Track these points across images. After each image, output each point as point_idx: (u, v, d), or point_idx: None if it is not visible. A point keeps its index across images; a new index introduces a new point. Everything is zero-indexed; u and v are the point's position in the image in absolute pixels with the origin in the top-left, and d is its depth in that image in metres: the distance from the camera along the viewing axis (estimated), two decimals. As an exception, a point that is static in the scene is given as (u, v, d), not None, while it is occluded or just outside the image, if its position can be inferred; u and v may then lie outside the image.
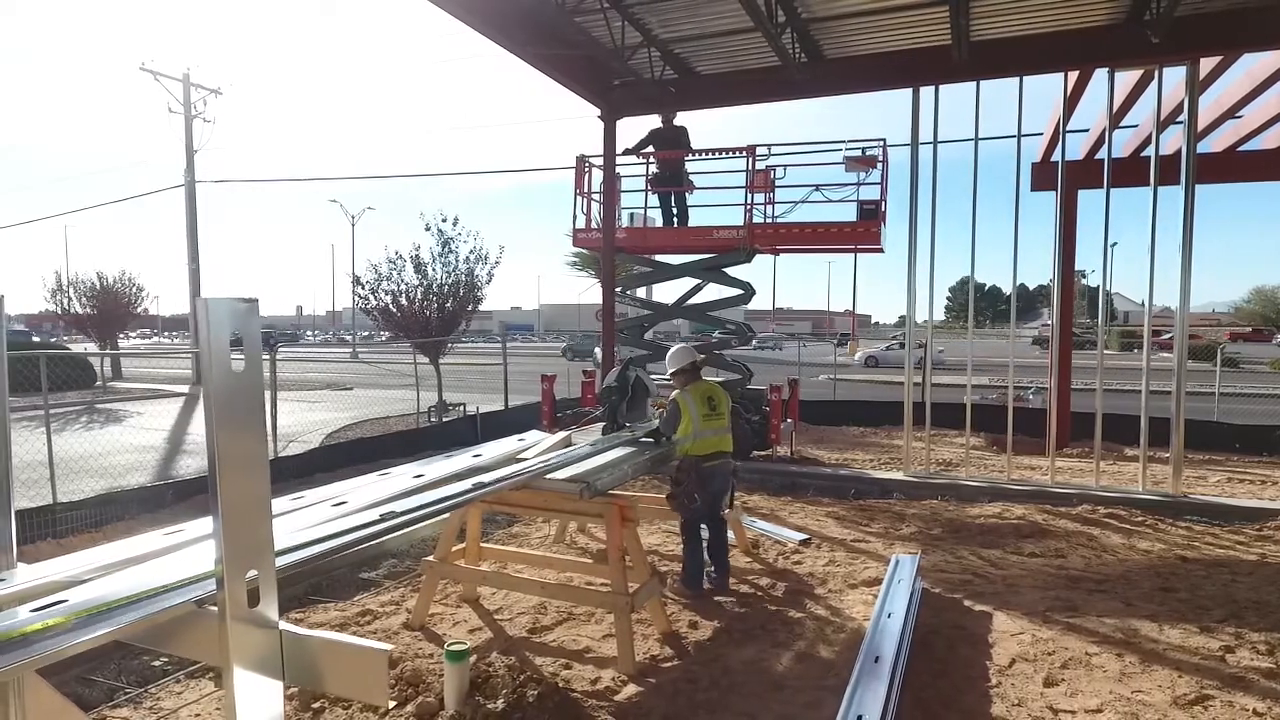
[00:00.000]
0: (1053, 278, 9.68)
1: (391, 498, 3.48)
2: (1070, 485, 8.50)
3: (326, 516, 3.11)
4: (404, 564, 6.02)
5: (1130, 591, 5.37)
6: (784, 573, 5.79)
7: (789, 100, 9.37)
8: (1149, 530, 7.05)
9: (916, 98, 8.77)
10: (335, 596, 5.31)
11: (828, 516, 7.44)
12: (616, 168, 10.31)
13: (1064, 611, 4.98)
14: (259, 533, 1.95)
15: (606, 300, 10.28)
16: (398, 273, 13.56)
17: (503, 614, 4.97)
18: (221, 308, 1.88)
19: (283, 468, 8.83)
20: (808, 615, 4.97)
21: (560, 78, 9.01)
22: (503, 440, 5.47)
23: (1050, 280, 9.28)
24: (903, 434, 12.98)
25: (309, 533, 2.77)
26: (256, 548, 1.97)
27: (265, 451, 2.01)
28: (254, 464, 1.93)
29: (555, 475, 4.34)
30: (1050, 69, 8.20)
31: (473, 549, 5.03)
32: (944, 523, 7.25)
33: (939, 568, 5.89)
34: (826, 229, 10.09)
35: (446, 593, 5.21)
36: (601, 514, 4.33)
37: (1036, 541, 6.59)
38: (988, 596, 5.26)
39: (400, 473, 4.06)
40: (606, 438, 5.52)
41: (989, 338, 67.16)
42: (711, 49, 8.89)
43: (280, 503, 3.38)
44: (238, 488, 1.87)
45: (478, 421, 12.55)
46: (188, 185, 25.62)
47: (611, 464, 4.70)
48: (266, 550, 1.99)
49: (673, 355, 5.45)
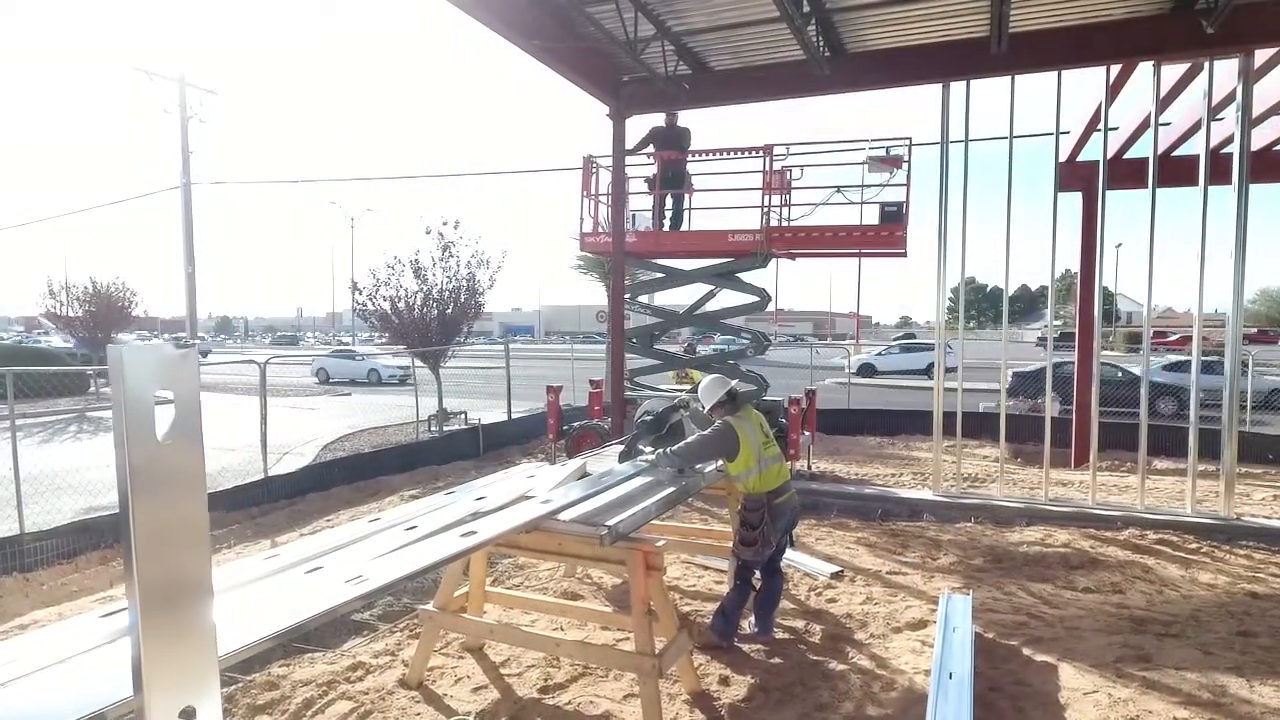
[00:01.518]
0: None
1: (382, 554, 2.97)
2: (1112, 506, 7.97)
3: (297, 583, 2.60)
4: (401, 602, 5.49)
5: (1205, 636, 4.85)
6: (819, 613, 5.26)
7: (810, 97, 8.84)
8: (1206, 559, 6.52)
9: (946, 94, 8.24)
10: (323, 643, 4.78)
11: (858, 543, 6.92)
12: (626, 168, 9.81)
13: (1137, 663, 4.46)
14: (198, 649, 1.44)
15: (617, 309, 9.77)
16: (396, 278, 13.06)
17: (511, 666, 4.45)
18: (144, 358, 1.38)
19: (273, 488, 8.32)
20: (851, 668, 4.44)
21: (568, 73, 8.50)
22: (511, 471, 4.96)
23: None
24: (923, 444, 12.60)
25: (272, 612, 2.26)
26: (195, 672, 1.45)
27: (205, 544, 1.49)
28: (190, 567, 1.42)
29: (569, 514, 3.82)
30: (1092, 62, 7.68)
31: (477, 595, 4.51)
32: (984, 550, 6.73)
33: (987, 606, 5.37)
34: (848, 233, 9.57)
35: (449, 640, 4.69)
36: (623, 561, 3.81)
37: (1088, 573, 6.06)
38: (1048, 643, 4.74)
39: (393, 521, 3.54)
40: (624, 467, 5.00)
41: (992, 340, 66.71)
42: (727, 42, 8.37)
43: (251, 564, 2.88)
44: (167, 594, 1.36)
45: (480, 434, 12.04)
46: (183, 187, 25.17)
47: (632, 499, 4.17)
48: (209, 674, 1.48)
49: (706, 388, 4.84)
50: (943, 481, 8.65)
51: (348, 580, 2.59)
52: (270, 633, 2.15)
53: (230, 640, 2.01)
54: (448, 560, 2.96)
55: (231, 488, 8.12)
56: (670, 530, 6.26)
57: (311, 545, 3.19)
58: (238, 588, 2.60)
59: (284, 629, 2.16)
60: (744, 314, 10.57)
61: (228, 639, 1.99)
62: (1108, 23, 7.38)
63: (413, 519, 3.58)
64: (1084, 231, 11.29)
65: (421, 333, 13.23)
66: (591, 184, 10.41)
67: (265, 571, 2.78)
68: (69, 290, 22.30)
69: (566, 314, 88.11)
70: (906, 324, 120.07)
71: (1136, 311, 66.04)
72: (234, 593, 2.52)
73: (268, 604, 2.39)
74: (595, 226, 10.53)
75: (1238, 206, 7.34)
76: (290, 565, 2.88)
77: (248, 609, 2.32)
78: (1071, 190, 10.91)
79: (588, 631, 4.83)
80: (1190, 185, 8.84)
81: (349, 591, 2.48)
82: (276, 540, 7.32)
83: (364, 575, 2.67)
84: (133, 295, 23.19)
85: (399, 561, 2.87)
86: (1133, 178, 9.48)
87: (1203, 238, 7.51)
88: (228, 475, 9.43)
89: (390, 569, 2.75)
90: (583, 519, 3.78)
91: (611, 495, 4.22)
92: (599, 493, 4.24)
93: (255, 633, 2.15)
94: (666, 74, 8.62)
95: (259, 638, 2.10)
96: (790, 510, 4.71)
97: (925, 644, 4.72)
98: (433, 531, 3.35)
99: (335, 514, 8.25)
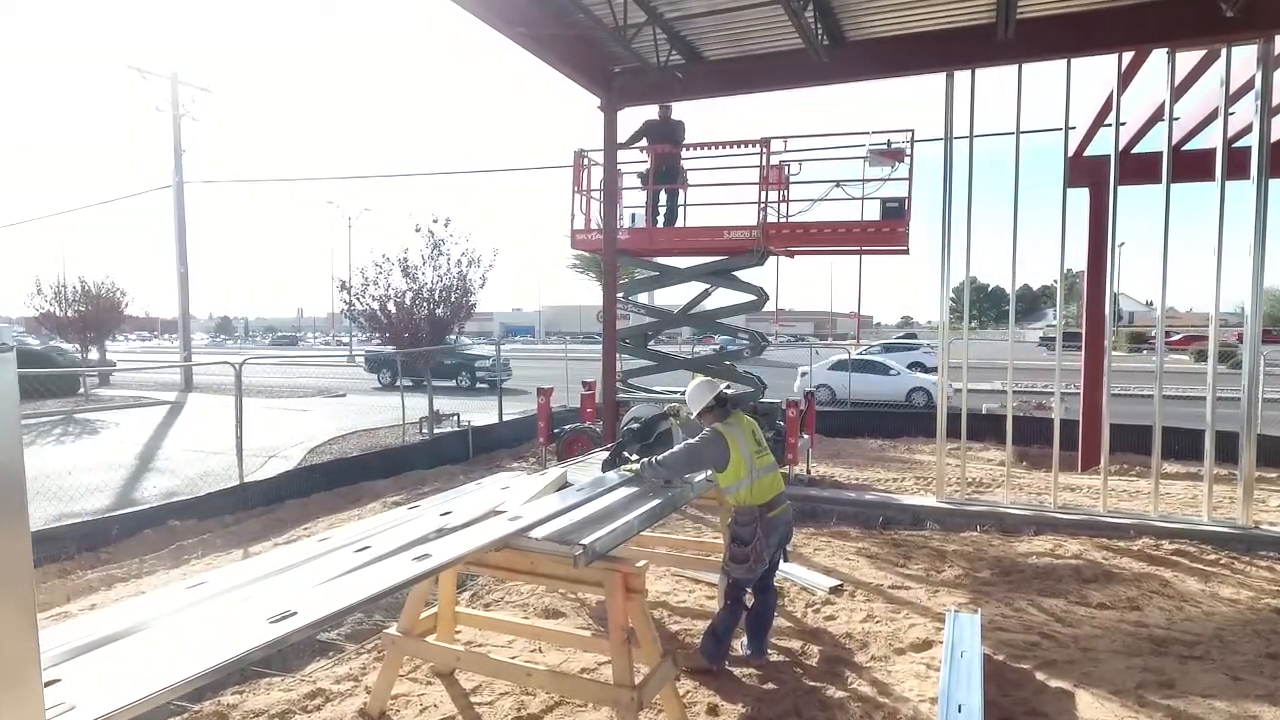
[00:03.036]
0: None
1: (324, 581, 2.64)
2: (1124, 513, 7.63)
3: (218, 618, 2.27)
4: (372, 620, 5.16)
5: (1231, 659, 4.52)
6: (816, 633, 4.93)
7: (808, 87, 8.49)
8: (1226, 572, 6.18)
9: (950, 84, 7.91)
10: (284, 667, 4.45)
11: (858, 554, 6.58)
12: (618, 164, 9.47)
13: (1159, 689, 4.12)
14: None
15: (608, 307, 9.43)
16: (385, 276, 12.73)
17: (483, 693, 4.12)
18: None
19: (248, 495, 7.98)
20: (850, 694, 4.11)
21: (558, 63, 8.16)
22: (485, 482, 4.62)
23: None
24: (925, 447, 12.26)
25: (167, 661, 1.92)
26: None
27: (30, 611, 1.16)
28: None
29: (542, 531, 3.49)
30: (1103, 49, 7.34)
31: (446, 616, 4.18)
32: (991, 562, 6.39)
33: (996, 624, 5.03)
34: (848, 229, 9.23)
35: (418, 664, 4.36)
36: (600, 582, 3.47)
37: (1102, 587, 5.72)
38: (1062, 666, 4.40)
39: (344, 541, 3.21)
40: (607, 477, 4.67)
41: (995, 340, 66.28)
42: (721, 29, 8.02)
43: (172, 593, 2.55)
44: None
45: (469, 436, 11.71)
46: (175, 186, 24.84)
47: (612, 514, 3.84)
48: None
49: (694, 393, 4.44)
50: (946, 487, 8.31)
51: (273, 618, 2.26)
52: (147, 694, 1.80)
53: (95, 709, 1.68)
54: (395, 589, 2.63)
55: (204, 495, 7.78)
56: (658, 542, 5.93)
57: (249, 569, 2.86)
58: (150, 624, 2.27)
59: (173, 684, 1.82)
60: (741, 313, 10.23)
61: (97, 706, 1.66)
62: (1120, 7, 7.04)
63: (366, 538, 3.25)
64: (1091, 228, 10.96)
65: (412, 332, 12.91)
66: (583, 179, 10.08)
67: (185, 602, 2.45)
68: (58, 290, 21.95)
69: (567, 314, 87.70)
70: (908, 324, 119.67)
71: (1139, 312, 65.53)
72: (140, 634, 2.19)
73: (168, 647, 2.06)
74: (587, 223, 10.20)
75: (1257, 201, 6.99)
76: (216, 594, 2.55)
77: (142, 653, 1.99)
78: (1078, 186, 10.57)
79: (567, 655, 4.50)
80: (1202, 180, 8.52)
81: (269, 633, 2.16)
82: (250, 550, 7.00)
83: (294, 610, 2.34)
84: (123, 295, 22.90)
85: (338, 592, 2.54)
86: (1141, 173, 9.15)
87: (1219, 234, 7.17)
88: (209, 480, 9.10)
89: (326, 602, 2.43)
90: (556, 537, 3.44)
91: (590, 509, 3.89)
92: (576, 507, 3.91)
93: (132, 694, 1.81)
94: (659, 64, 8.29)
95: (126, 703, 1.75)
96: (785, 524, 4.38)
97: (930, 667, 4.39)
98: (386, 553, 3.02)
99: (314, 521, 7.92)
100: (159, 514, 7.12)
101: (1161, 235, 7.43)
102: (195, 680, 1.86)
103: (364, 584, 2.61)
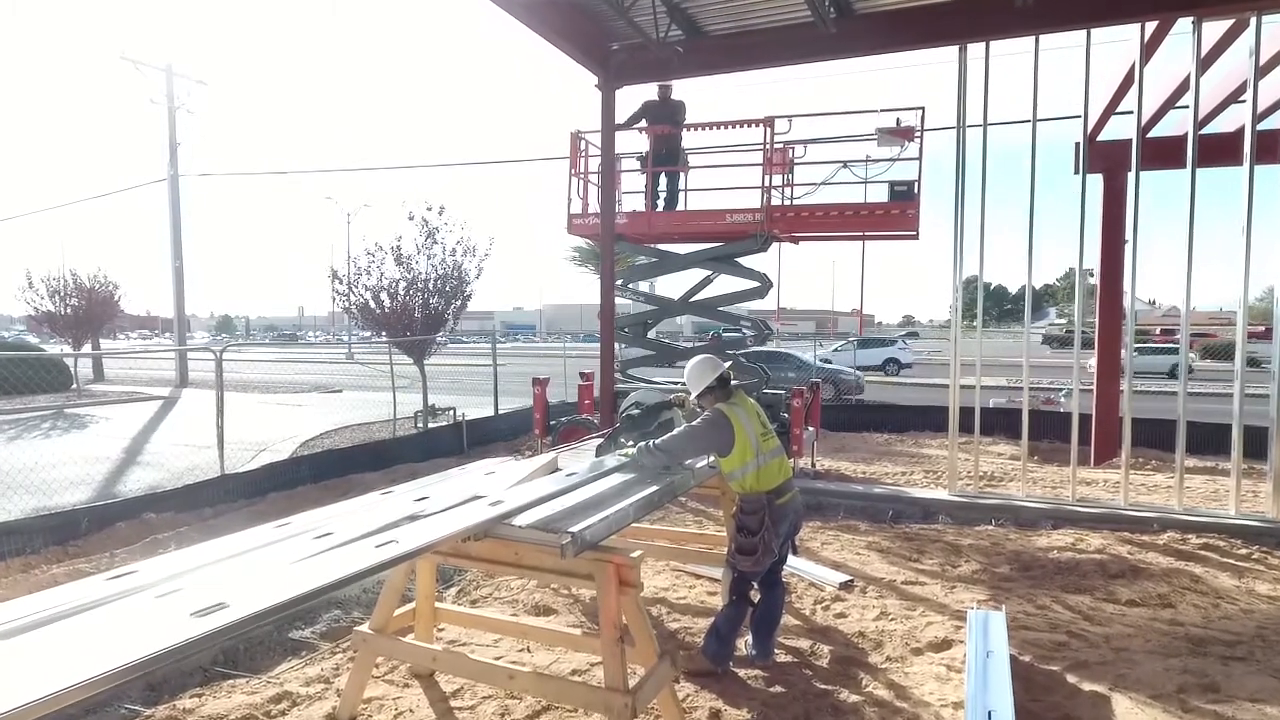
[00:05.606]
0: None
1: (266, 572, 2.29)
2: (1146, 507, 7.28)
3: (136, 612, 1.93)
4: (350, 616, 4.82)
5: (1278, 660, 4.17)
6: (826, 631, 4.58)
7: (815, 62, 8.14)
8: (1260, 567, 5.83)
9: (964, 57, 7.57)
10: (252, 667, 4.11)
11: (869, 549, 6.23)
12: (616, 146, 9.12)
13: (1203, 693, 3.77)
14: None
15: (606, 293, 9.08)
16: (377, 266, 12.37)
17: (463, 697, 3.77)
18: None
19: (230, 487, 7.64)
20: (865, 698, 3.76)
21: (554, 38, 7.81)
22: (469, 467, 4.28)
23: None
24: (933, 441, 11.91)
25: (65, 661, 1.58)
26: None
27: None
28: None
29: (527, 518, 3.14)
30: (1127, 17, 6.99)
31: (424, 613, 3.84)
32: (1009, 556, 6.04)
33: (1020, 622, 4.68)
34: (855, 212, 8.88)
35: (395, 664, 4.02)
36: (591, 575, 3.13)
37: (1130, 583, 5.37)
38: (1095, 669, 4.05)
39: (304, 526, 2.87)
40: (600, 460, 4.33)
41: (996, 336, 65.83)
42: (724, 1, 7.68)
43: (90, 584, 2.22)
44: None
45: (463, 428, 11.37)
46: (170, 180, 24.52)
47: (605, 501, 3.49)
48: None
49: (694, 371, 4.06)
50: (958, 480, 7.96)
51: (197, 612, 1.92)
52: (42, 696, 1.48)
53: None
54: (350, 579, 2.29)
55: (181, 487, 7.45)
56: (656, 534, 5.59)
57: (189, 557, 2.53)
58: (52, 620, 1.93)
59: (44, 697, 1.48)
60: (743, 301, 9.89)
61: None
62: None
63: (329, 522, 2.92)
64: (1105, 217, 10.58)
65: (406, 324, 12.55)
66: (580, 162, 9.74)
67: (102, 595, 2.11)
68: (49, 284, 21.58)
69: (568, 313, 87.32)
70: (910, 323, 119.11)
71: (1142, 311, 65.04)
72: (34, 634, 1.85)
73: (65, 649, 1.72)
74: (584, 208, 9.86)
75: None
76: (143, 585, 2.21)
77: (27, 657, 1.65)
78: (1092, 173, 10.20)
79: (557, 655, 4.16)
80: (1222, 165, 8.17)
81: (190, 629, 1.81)
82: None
83: (225, 602, 2.00)
84: (116, 288, 22.56)
85: (285, 581, 2.20)
86: (1158, 158, 8.77)
87: (1248, 221, 6.80)
88: (196, 474, 8.75)
89: (265, 593, 2.08)
90: (542, 524, 3.10)
91: (581, 495, 3.54)
92: (565, 492, 3.56)
93: (27, 694, 1.48)
94: (658, 38, 7.93)
95: (16, 707, 1.42)
96: (793, 512, 4.03)
97: (951, 668, 4.05)
98: (347, 540, 2.68)
99: (298, 514, 7.57)
100: (133, 507, 6.78)
101: (1186, 223, 7.02)
102: (76, 690, 1.52)
103: (315, 573, 2.27)
